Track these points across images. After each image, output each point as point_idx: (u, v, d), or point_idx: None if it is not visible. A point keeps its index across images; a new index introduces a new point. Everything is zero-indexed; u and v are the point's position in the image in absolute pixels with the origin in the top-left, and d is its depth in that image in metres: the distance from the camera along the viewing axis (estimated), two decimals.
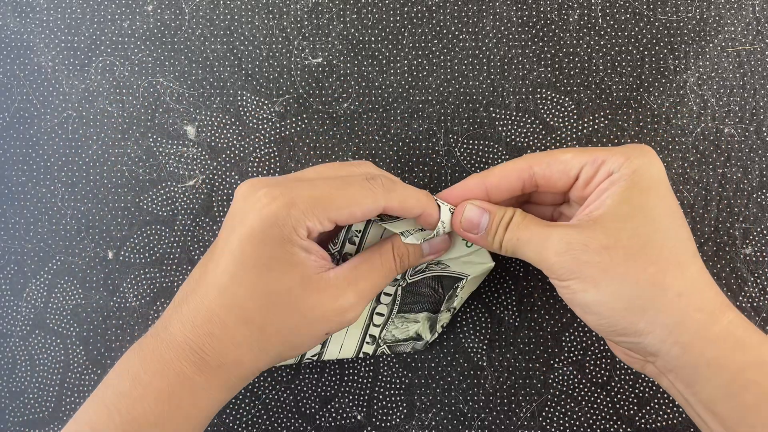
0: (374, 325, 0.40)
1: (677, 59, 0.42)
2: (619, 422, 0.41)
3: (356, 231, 0.38)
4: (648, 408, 0.41)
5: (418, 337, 0.41)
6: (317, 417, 0.42)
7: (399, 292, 0.40)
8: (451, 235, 0.39)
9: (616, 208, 0.31)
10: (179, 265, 0.43)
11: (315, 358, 0.40)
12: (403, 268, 0.37)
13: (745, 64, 0.42)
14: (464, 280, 0.39)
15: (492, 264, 0.39)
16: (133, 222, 0.43)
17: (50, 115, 0.44)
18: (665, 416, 0.41)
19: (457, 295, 0.39)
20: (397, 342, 0.40)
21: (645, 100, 0.42)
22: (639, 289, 0.30)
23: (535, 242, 0.33)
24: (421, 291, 0.40)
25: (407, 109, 0.43)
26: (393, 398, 0.42)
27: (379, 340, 0.41)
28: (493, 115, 0.43)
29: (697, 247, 0.42)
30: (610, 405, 0.42)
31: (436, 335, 0.41)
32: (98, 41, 0.44)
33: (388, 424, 0.42)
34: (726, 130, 0.42)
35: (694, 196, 0.42)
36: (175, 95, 0.44)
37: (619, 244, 0.30)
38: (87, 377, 0.43)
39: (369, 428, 0.42)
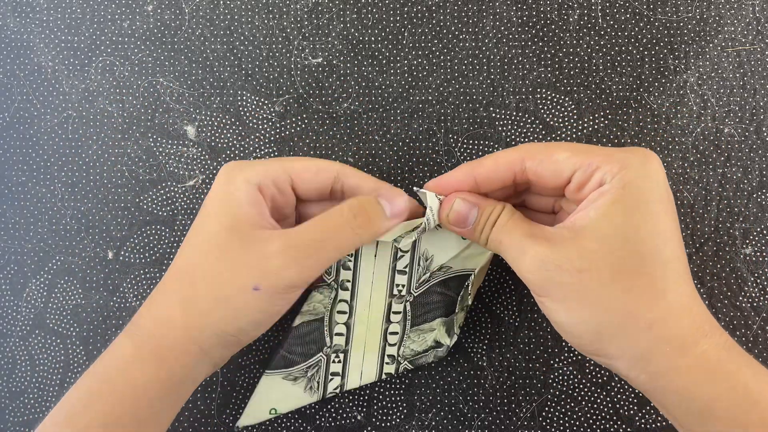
0: (390, 345, 0.39)
1: (677, 59, 0.42)
2: (619, 422, 0.41)
3: (348, 255, 0.38)
4: (648, 408, 0.41)
5: (437, 345, 0.39)
6: (317, 417, 0.42)
7: (408, 308, 0.39)
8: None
9: (596, 226, 0.30)
10: None
11: (338, 391, 0.39)
12: (362, 226, 0.33)
13: (745, 64, 0.42)
14: (472, 276, 0.38)
15: (491, 253, 0.38)
16: (133, 222, 0.43)
17: (50, 115, 0.44)
18: (665, 416, 0.41)
19: (469, 293, 0.39)
20: (418, 355, 0.39)
21: (645, 100, 0.42)
22: (609, 317, 0.29)
23: (513, 252, 0.32)
24: (430, 300, 0.39)
25: (407, 109, 0.43)
26: (393, 398, 0.42)
27: (399, 358, 0.39)
28: (493, 115, 0.43)
29: (698, 247, 0.42)
30: (610, 405, 0.42)
31: (455, 337, 0.39)
32: (98, 41, 0.44)
33: (388, 424, 0.42)
34: (726, 130, 0.42)
35: (694, 196, 0.42)
36: (175, 95, 0.44)
37: (593, 268, 0.29)
38: None
39: (369, 428, 0.42)
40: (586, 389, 0.42)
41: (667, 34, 0.42)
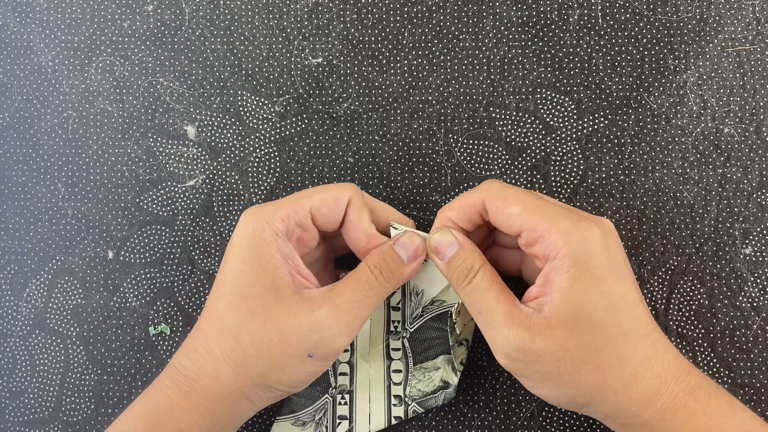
0: (395, 383, 0.39)
1: (677, 59, 0.42)
2: None
3: None
4: None
5: (445, 385, 0.39)
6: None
7: (406, 344, 0.39)
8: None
9: (562, 311, 0.32)
10: (179, 265, 0.43)
11: None
12: (388, 279, 0.35)
13: (745, 64, 0.42)
14: (455, 306, 0.38)
15: None
16: (133, 222, 0.43)
17: (50, 115, 0.44)
18: None
19: (455, 323, 0.38)
20: (426, 396, 0.39)
21: (645, 100, 0.42)
22: (581, 392, 0.33)
23: (492, 332, 0.34)
24: (427, 336, 0.39)
25: (407, 109, 0.43)
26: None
27: (407, 399, 0.39)
28: (493, 115, 0.43)
29: (697, 247, 0.42)
30: None
31: (459, 374, 0.39)
32: (98, 41, 0.44)
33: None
34: (726, 130, 0.42)
35: (694, 196, 0.42)
36: (175, 95, 0.44)
37: (568, 355, 0.32)
38: (87, 377, 0.43)
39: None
40: None
41: (667, 34, 0.42)
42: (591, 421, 0.42)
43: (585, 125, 0.43)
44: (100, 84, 0.44)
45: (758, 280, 0.42)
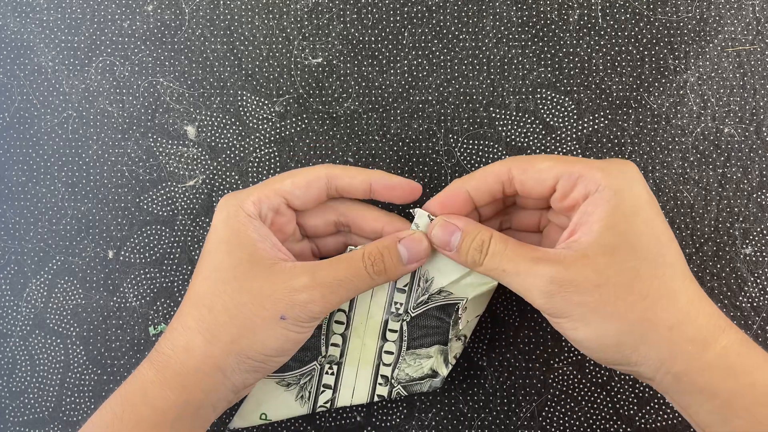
0: (384, 364, 0.39)
1: (677, 59, 0.42)
2: (619, 422, 0.41)
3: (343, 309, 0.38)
4: (648, 408, 0.41)
5: (433, 374, 0.39)
6: (317, 417, 0.42)
7: (405, 327, 0.39)
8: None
9: (601, 238, 0.31)
10: (179, 265, 0.43)
11: (328, 405, 0.39)
12: (378, 273, 0.35)
13: (745, 64, 0.42)
14: (464, 301, 0.38)
15: (495, 283, 0.38)
16: (133, 222, 0.43)
17: (50, 115, 0.44)
18: (665, 416, 0.41)
19: (460, 318, 0.38)
20: (412, 381, 0.39)
21: (645, 100, 0.42)
22: (630, 327, 0.30)
23: (521, 279, 0.32)
24: (428, 323, 0.39)
25: (407, 109, 0.43)
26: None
27: (393, 381, 0.39)
28: (493, 115, 0.43)
29: (697, 247, 0.42)
30: (610, 405, 0.42)
31: (451, 367, 0.39)
32: (98, 41, 0.44)
33: (388, 424, 0.42)
34: (726, 130, 0.42)
35: (694, 196, 0.42)
36: (175, 95, 0.44)
37: (609, 282, 0.30)
38: (87, 377, 0.43)
39: (369, 428, 0.42)
40: (586, 389, 0.42)
41: (667, 34, 0.42)
42: (592, 420, 0.42)
43: (585, 125, 0.43)
44: (100, 84, 0.44)
45: (758, 280, 0.42)
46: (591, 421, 0.42)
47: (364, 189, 0.36)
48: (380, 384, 0.39)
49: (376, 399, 0.39)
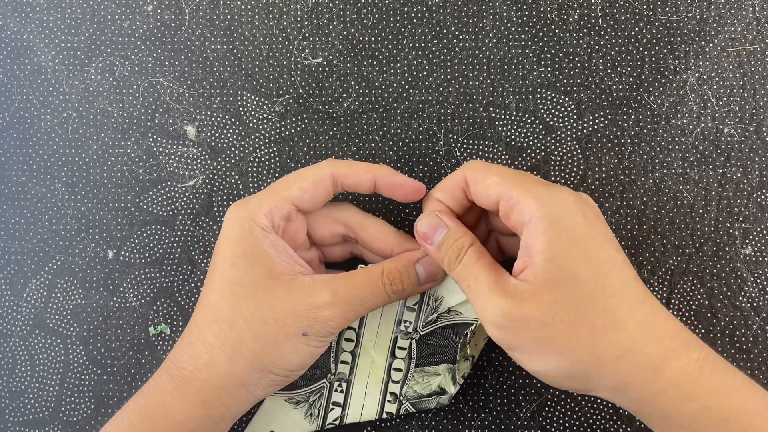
0: (393, 381, 0.39)
1: (677, 59, 0.42)
2: (619, 422, 0.41)
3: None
4: None
5: (441, 391, 0.39)
6: None
7: (414, 345, 0.39)
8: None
9: (544, 273, 0.31)
10: (179, 265, 0.43)
11: (337, 423, 0.39)
12: (396, 293, 0.36)
13: (745, 64, 0.42)
14: (474, 326, 0.38)
15: None
16: (133, 222, 0.43)
17: (50, 115, 0.44)
18: None
19: (468, 342, 0.38)
20: (420, 398, 0.39)
21: (645, 100, 0.42)
22: (579, 361, 0.31)
23: (480, 303, 0.33)
24: (437, 342, 0.39)
25: (407, 109, 0.43)
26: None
27: (401, 398, 0.39)
28: (493, 115, 0.43)
29: (697, 247, 0.42)
30: (610, 405, 0.42)
31: (458, 387, 0.39)
32: (98, 41, 0.44)
33: (388, 424, 0.42)
34: (726, 130, 0.42)
35: (694, 196, 0.42)
36: (175, 95, 0.44)
37: (555, 319, 0.31)
38: (87, 377, 0.43)
39: (369, 428, 0.42)
40: None
41: (667, 34, 0.42)
42: (591, 420, 0.42)
43: (585, 125, 0.43)
44: (100, 84, 0.44)
45: (758, 280, 0.42)
46: (591, 421, 0.42)
47: (369, 186, 0.37)
48: (389, 401, 0.39)
49: (384, 416, 0.39)
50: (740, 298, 0.42)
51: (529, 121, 0.43)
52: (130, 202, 0.43)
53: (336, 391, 0.39)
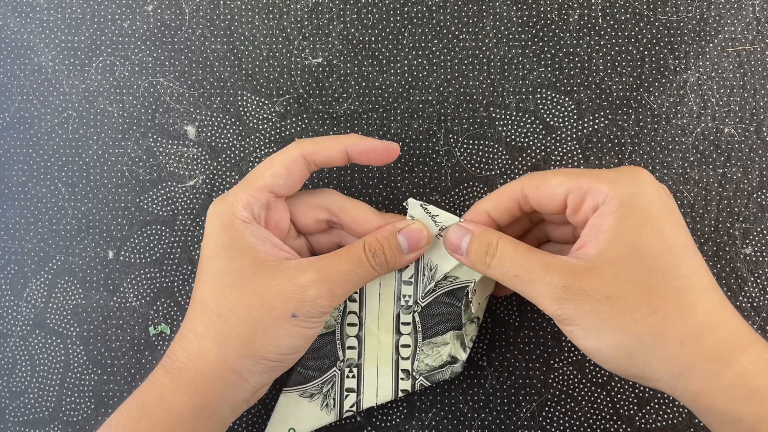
0: (403, 358, 0.39)
1: (677, 59, 0.42)
2: (619, 422, 0.41)
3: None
4: (648, 408, 0.41)
5: (453, 360, 0.39)
6: None
7: (417, 318, 0.39)
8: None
9: (610, 250, 0.30)
10: (179, 265, 0.43)
11: (354, 409, 0.39)
12: (380, 264, 0.35)
13: (745, 64, 0.42)
14: (473, 284, 0.38)
15: None
16: (133, 222, 0.43)
17: (50, 115, 0.44)
18: (665, 416, 0.41)
19: (471, 301, 0.38)
20: (433, 370, 0.39)
21: (645, 100, 0.42)
22: (639, 340, 0.29)
23: (532, 285, 0.32)
24: (439, 311, 0.39)
25: (407, 109, 0.43)
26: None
27: (414, 373, 0.39)
28: (493, 115, 0.43)
29: (697, 247, 0.42)
30: (610, 405, 0.42)
31: (468, 351, 0.39)
32: (98, 41, 0.44)
33: (388, 424, 0.42)
34: (726, 130, 0.42)
35: (694, 196, 0.42)
36: (176, 95, 0.44)
37: (619, 294, 0.30)
38: (87, 377, 0.43)
39: (369, 428, 0.42)
40: (586, 389, 0.42)
41: (667, 34, 0.42)
42: (591, 420, 0.42)
43: (585, 125, 0.43)
44: (100, 84, 0.44)
45: (758, 280, 0.42)
46: (591, 421, 0.42)
47: (342, 157, 0.36)
48: (402, 378, 0.39)
49: (400, 394, 0.39)
50: (740, 298, 0.42)
51: (529, 121, 0.43)
52: (130, 202, 0.43)
53: (348, 377, 0.39)
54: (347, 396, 0.39)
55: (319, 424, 0.39)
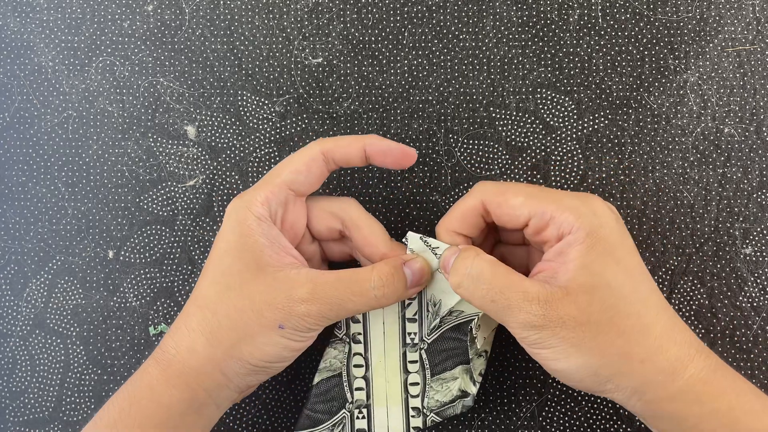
0: (412, 396, 0.39)
1: (677, 59, 0.42)
2: (619, 422, 0.41)
3: None
4: None
5: (463, 394, 0.38)
6: None
7: (424, 356, 0.38)
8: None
9: (581, 278, 0.32)
10: (179, 265, 0.43)
11: None
12: (384, 296, 0.35)
13: (745, 64, 0.42)
14: (476, 319, 0.37)
15: None
16: (133, 222, 0.43)
17: (50, 115, 0.44)
18: None
19: (476, 337, 0.38)
20: (444, 406, 0.38)
21: (645, 100, 0.42)
22: (607, 361, 0.32)
23: (510, 312, 0.32)
24: (446, 346, 0.38)
25: (407, 109, 0.43)
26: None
27: (425, 410, 0.38)
28: (493, 115, 0.43)
29: (697, 247, 0.42)
30: (610, 405, 0.42)
31: (478, 385, 0.39)
32: (98, 41, 0.44)
33: None
34: (726, 130, 0.42)
35: (694, 196, 0.42)
36: (176, 95, 0.44)
37: (591, 320, 0.31)
38: (87, 377, 0.43)
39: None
40: None
41: (667, 34, 0.42)
42: (591, 420, 0.42)
43: (585, 125, 0.43)
44: (100, 84, 0.44)
45: (758, 280, 0.42)
46: (591, 421, 0.42)
47: (360, 156, 0.36)
48: (413, 416, 0.39)
49: (412, 431, 0.39)
50: (740, 298, 0.42)
51: (529, 121, 0.43)
52: (130, 202, 0.43)
53: (358, 418, 0.39)
54: None
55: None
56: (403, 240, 0.37)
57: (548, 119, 0.43)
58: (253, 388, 0.37)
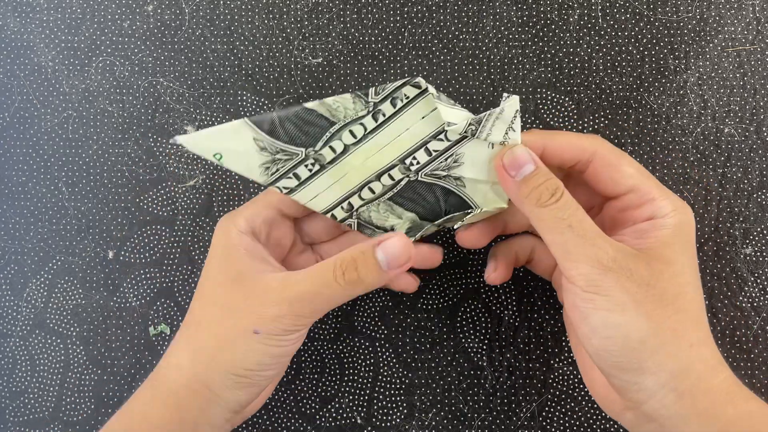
0: (360, 196, 0.36)
1: (677, 59, 0.42)
2: (619, 422, 0.41)
3: (404, 96, 0.33)
4: None
5: (389, 231, 0.36)
6: (317, 417, 0.42)
7: (403, 182, 0.36)
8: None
9: (660, 250, 0.32)
10: (179, 265, 0.43)
11: (285, 192, 0.35)
12: (352, 282, 0.33)
13: (745, 64, 0.42)
14: (473, 211, 0.36)
15: (505, 206, 0.36)
16: (133, 222, 0.43)
17: (50, 115, 0.44)
18: None
19: (463, 222, 0.37)
20: (369, 224, 0.37)
21: (645, 100, 0.42)
22: (659, 331, 0.31)
23: (583, 242, 0.31)
24: (425, 193, 0.36)
25: None
26: (393, 398, 0.42)
27: (354, 212, 0.36)
28: None
29: (697, 247, 0.42)
30: None
31: (413, 238, 0.37)
32: (98, 41, 0.44)
33: (388, 424, 0.42)
34: (726, 130, 0.42)
35: (694, 196, 0.42)
36: (176, 95, 0.44)
37: (658, 285, 0.31)
38: (87, 377, 0.43)
39: (369, 428, 0.42)
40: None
41: (667, 34, 0.42)
42: (591, 420, 0.42)
43: (585, 125, 0.43)
44: (100, 84, 0.44)
45: (758, 280, 0.42)
46: (591, 421, 0.42)
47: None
48: (342, 208, 0.36)
49: (327, 215, 0.36)
50: (740, 298, 0.42)
51: (529, 121, 0.43)
52: (130, 202, 0.43)
53: (305, 165, 0.35)
54: (289, 177, 0.35)
55: (245, 173, 0.34)
56: (502, 98, 0.34)
57: (548, 119, 0.43)
58: (250, 408, 0.37)
